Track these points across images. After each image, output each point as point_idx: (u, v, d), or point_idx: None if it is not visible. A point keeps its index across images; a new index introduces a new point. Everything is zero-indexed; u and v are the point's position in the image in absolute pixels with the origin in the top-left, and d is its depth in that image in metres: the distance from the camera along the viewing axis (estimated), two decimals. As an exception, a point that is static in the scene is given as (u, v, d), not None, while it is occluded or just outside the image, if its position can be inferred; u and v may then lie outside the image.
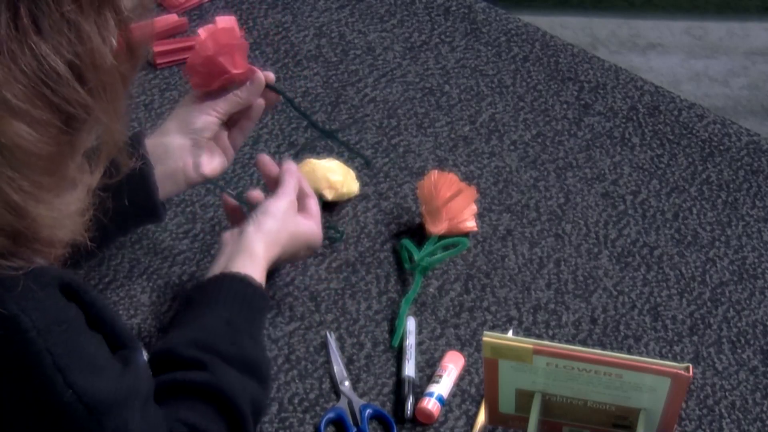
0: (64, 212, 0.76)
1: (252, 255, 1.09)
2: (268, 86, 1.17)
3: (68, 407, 0.79)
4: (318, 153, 1.36)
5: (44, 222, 0.74)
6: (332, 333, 1.18)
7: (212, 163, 1.15)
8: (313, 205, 1.18)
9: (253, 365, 1.00)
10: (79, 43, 0.72)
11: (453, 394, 1.13)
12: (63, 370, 0.79)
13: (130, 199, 0.99)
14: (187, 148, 1.13)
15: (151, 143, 1.11)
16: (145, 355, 0.95)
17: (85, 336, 0.83)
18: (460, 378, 1.15)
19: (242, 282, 1.06)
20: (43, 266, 0.77)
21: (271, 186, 1.19)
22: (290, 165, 1.19)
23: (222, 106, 1.14)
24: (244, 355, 1.00)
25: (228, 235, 1.12)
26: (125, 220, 1.09)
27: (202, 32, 1.13)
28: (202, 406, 0.95)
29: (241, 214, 1.18)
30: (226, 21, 1.15)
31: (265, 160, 1.20)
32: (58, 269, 0.80)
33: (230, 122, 1.17)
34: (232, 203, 1.20)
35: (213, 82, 1.14)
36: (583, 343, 1.20)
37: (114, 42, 0.76)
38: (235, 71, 1.14)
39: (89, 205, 0.79)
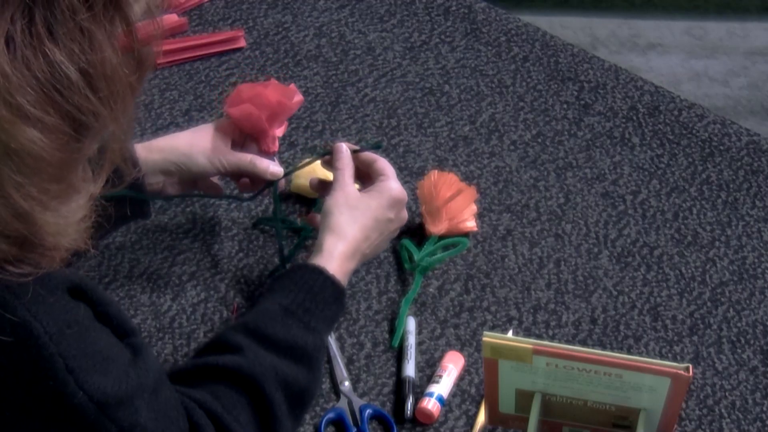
0: (70, 220, 0.76)
1: (330, 259, 1.09)
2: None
3: (79, 407, 0.80)
4: (318, 153, 1.36)
5: (50, 230, 0.74)
6: (332, 333, 1.18)
7: (177, 190, 1.20)
8: (378, 169, 1.17)
9: (296, 350, 1.00)
10: (91, 51, 0.72)
11: (453, 394, 1.13)
12: (74, 372, 0.79)
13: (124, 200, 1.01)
14: (168, 178, 1.17)
15: (142, 158, 1.14)
16: None
17: (94, 332, 0.84)
18: (460, 378, 1.15)
19: (314, 272, 1.06)
20: (51, 271, 0.77)
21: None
22: (338, 150, 1.17)
23: (231, 164, 1.18)
24: (289, 339, 1.00)
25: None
26: (117, 219, 1.10)
27: (274, 81, 1.22)
28: (227, 390, 0.96)
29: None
30: (298, 94, 1.22)
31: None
32: (65, 272, 0.81)
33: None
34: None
35: (240, 106, 1.19)
36: (583, 343, 1.20)
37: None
38: (270, 118, 1.20)
39: (91, 212, 0.79)
